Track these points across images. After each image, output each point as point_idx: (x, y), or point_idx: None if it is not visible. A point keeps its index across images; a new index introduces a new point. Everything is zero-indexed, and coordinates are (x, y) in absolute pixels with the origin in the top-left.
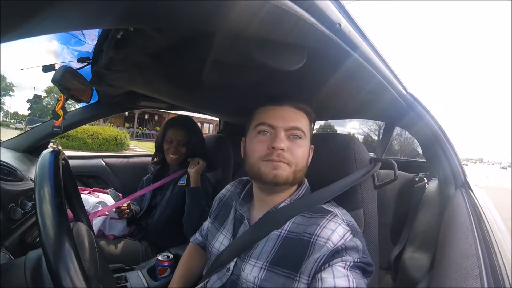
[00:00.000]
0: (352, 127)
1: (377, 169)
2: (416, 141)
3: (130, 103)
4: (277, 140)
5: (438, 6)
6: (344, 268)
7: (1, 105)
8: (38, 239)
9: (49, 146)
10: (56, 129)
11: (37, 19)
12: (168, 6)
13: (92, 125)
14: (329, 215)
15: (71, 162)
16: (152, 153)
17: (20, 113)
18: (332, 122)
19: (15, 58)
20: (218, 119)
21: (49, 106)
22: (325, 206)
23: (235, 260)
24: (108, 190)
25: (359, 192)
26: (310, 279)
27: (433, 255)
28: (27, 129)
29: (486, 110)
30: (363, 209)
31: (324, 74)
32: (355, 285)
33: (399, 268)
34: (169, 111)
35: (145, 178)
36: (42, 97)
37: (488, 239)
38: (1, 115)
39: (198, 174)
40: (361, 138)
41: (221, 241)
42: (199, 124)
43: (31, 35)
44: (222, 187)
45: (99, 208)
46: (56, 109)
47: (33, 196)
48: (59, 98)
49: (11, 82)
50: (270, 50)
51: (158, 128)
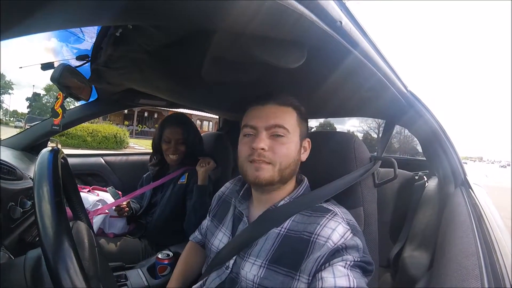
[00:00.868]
0: (352, 125)
1: (377, 168)
2: (416, 139)
3: (130, 101)
4: (256, 141)
5: (439, 4)
6: (344, 267)
7: (0, 103)
8: (38, 238)
9: (48, 144)
10: (55, 127)
11: (35, 16)
12: (168, 3)
13: (91, 123)
14: (329, 214)
15: (71, 160)
16: (151, 151)
17: (20, 111)
18: (331, 120)
19: (14, 56)
20: (217, 117)
21: (48, 104)
22: (325, 204)
23: (234, 258)
24: (107, 188)
25: (359, 190)
26: (310, 278)
27: (433, 253)
28: (27, 127)
29: (486, 108)
30: (363, 207)
31: (324, 71)
32: (355, 285)
33: (398, 266)
34: (168, 109)
35: (144, 176)
36: (41, 95)
37: (488, 238)
38: (1, 113)
39: (207, 173)
40: (360, 136)
41: (220, 239)
42: (198, 122)
43: (29, 32)
44: (221, 185)
45: (99, 207)
46: (55, 107)
47: (32, 195)
48: (58, 96)
49: (10, 80)
50: (270, 48)
51: (157, 126)
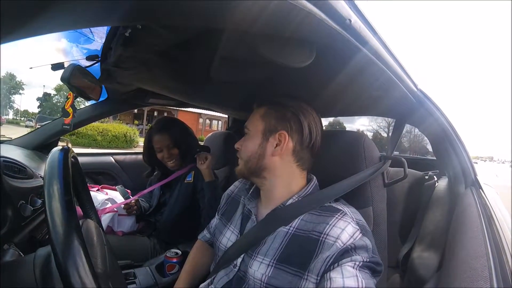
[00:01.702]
0: (361, 124)
1: (387, 167)
2: (426, 138)
3: (139, 100)
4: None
5: (454, 1)
6: (353, 268)
7: (11, 103)
8: (48, 236)
9: (59, 143)
10: (66, 126)
11: (44, 17)
12: (174, 3)
13: (101, 122)
14: (339, 214)
15: (81, 159)
16: None
17: (30, 111)
18: (341, 119)
19: (25, 56)
20: (226, 116)
21: (59, 104)
22: (334, 204)
23: (242, 256)
24: (116, 187)
25: (369, 190)
26: (318, 278)
27: (442, 254)
28: (37, 126)
29: (497, 108)
30: (372, 207)
31: (333, 69)
32: (364, 285)
33: (407, 267)
34: (178, 108)
35: (152, 176)
36: (52, 95)
37: (498, 239)
38: (11, 113)
39: (209, 168)
40: (370, 135)
41: (228, 237)
42: (207, 121)
43: (39, 33)
44: (230, 183)
45: (108, 205)
46: (66, 107)
47: (43, 193)
48: (69, 96)
49: (21, 80)
50: (278, 47)
51: None
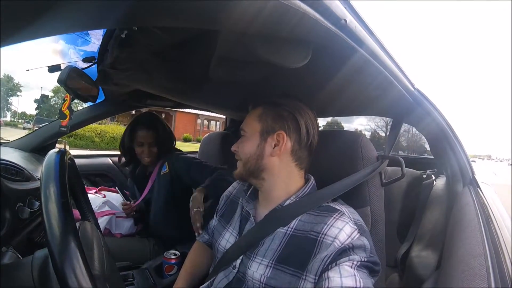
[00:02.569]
0: (359, 124)
1: (384, 166)
2: (423, 137)
3: (137, 101)
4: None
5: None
6: (351, 267)
7: (9, 105)
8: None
9: (56, 145)
10: (63, 128)
11: (40, 21)
12: (169, 4)
13: (99, 123)
14: (336, 214)
15: (79, 161)
16: None
17: (28, 113)
18: (339, 118)
19: (22, 58)
20: (224, 117)
21: (56, 106)
22: (332, 204)
23: (241, 257)
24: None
25: (366, 189)
26: (316, 277)
27: (440, 253)
28: (35, 128)
29: (494, 106)
30: (370, 206)
31: (330, 70)
32: (362, 285)
33: (406, 266)
34: (175, 109)
35: (128, 183)
36: (49, 96)
37: (495, 238)
38: (9, 115)
39: (202, 205)
40: (368, 134)
41: (227, 239)
42: (205, 121)
43: (35, 37)
44: (228, 184)
45: (105, 208)
46: (63, 109)
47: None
48: (66, 98)
49: (18, 82)
50: (274, 47)
51: None
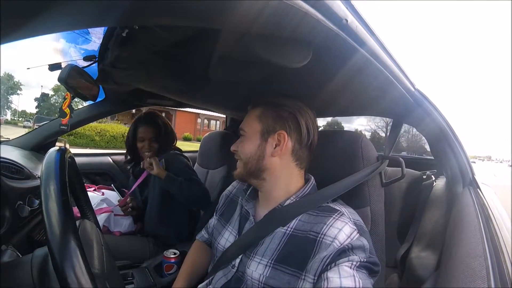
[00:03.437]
0: (360, 124)
1: (384, 167)
2: (423, 138)
3: (137, 100)
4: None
5: (450, 0)
6: (350, 268)
7: (9, 104)
8: (45, 236)
9: (57, 144)
10: (63, 127)
11: (40, 18)
12: (170, 4)
13: (99, 122)
14: (336, 214)
15: (79, 159)
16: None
17: (28, 111)
18: (339, 119)
19: (23, 57)
20: (225, 116)
21: (56, 104)
22: (332, 204)
23: (240, 256)
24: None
25: (366, 189)
26: (316, 278)
27: (440, 254)
28: (35, 127)
29: (494, 107)
30: (370, 207)
31: (331, 70)
32: (361, 285)
33: (405, 266)
34: (176, 108)
35: (130, 179)
36: (50, 95)
37: (495, 239)
38: (9, 113)
39: (159, 168)
40: (368, 135)
41: (226, 238)
42: (206, 121)
43: (35, 34)
44: (227, 183)
45: (103, 206)
46: (63, 108)
47: (40, 194)
48: (66, 97)
49: (18, 81)
50: (275, 47)
51: None
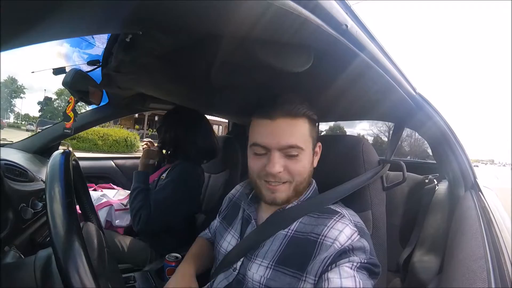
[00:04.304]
0: (362, 128)
1: (386, 171)
2: (426, 142)
3: (140, 105)
4: (270, 165)
5: (453, 4)
6: (351, 268)
7: (12, 107)
8: (48, 238)
9: (60, 147)
10: (67, 131)
11: (42, 26)
12: (168, 11)
13: (102, 126)
14: (337, 216)
15: (82, 163)
16: None
17: (31, 115)
18: (341, 123)
19: (26, 60)
20: (227, 121)
21: (59, 108)
22: (332, 206)
23: (242, 259)
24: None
25: (368, 193)
26: (316, 279)
27: (442, 258)
28: (38, 130)
29: (497, 111)
30: (371, 210)
31: (331, 75)
32: (361, 286)
33: (408, 270)
34: None
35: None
36: (53, 99)
37: (496, 241)
38: (12, 116)
39: (147, 158)
40: (371, 139)
41: (228, 241)
42: None
43: (38, 41)
44: (230, 188)
45: (103, 200)
46: (67, 111)
47: (44, 196)
48: (70, 101)
49: (22, 84)
50: (276, 52)
51: None
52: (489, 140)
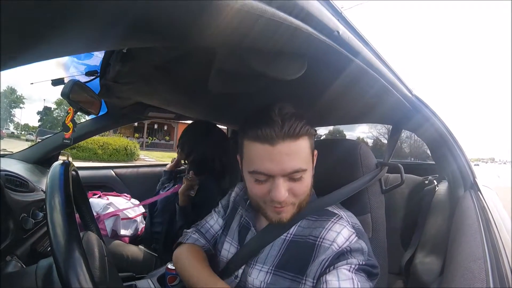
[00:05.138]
0: (362, 131)
1: (384, 174)
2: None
3: (139, 113)
4: (276, 193)
5: (449, 3)
6: (349, 270)
7: (12, 117)
8: (49, 248)
9: (60, 157)
10: (67, 141)
11: (39, 47)
12: (163, 28)
13: (102, 135)
14: (334, 218)
15: (82, 172)
16: (161, 162)
17: (31, 125)
18: (340, 127)
19: (26, 71)
20: (226, 128)
21: (59, 118)
22: (330, 208)
23: (243, 267)
24: None
25: (366, 197)
26: (315, 281)
27: (444, 259)
28: (38, 140)
29: (497, 108)
30: (370, 214)
31: (326, 80)
32: None
33: (410, 273)
34: (178, 121)
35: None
36: (52, 109)
37: (495, 241)
38: (12, 126)
39: (187, 193)
40: (370, 142)
41: (228, 249)
42: None
43: (36, 60)
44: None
45: (109, 210)
46: (66, 122)
47: (44, 206)
48: (69, 111)
49: (21, 94)
50: (268, 60)
51: (167, 138)
52: (490, 138)
